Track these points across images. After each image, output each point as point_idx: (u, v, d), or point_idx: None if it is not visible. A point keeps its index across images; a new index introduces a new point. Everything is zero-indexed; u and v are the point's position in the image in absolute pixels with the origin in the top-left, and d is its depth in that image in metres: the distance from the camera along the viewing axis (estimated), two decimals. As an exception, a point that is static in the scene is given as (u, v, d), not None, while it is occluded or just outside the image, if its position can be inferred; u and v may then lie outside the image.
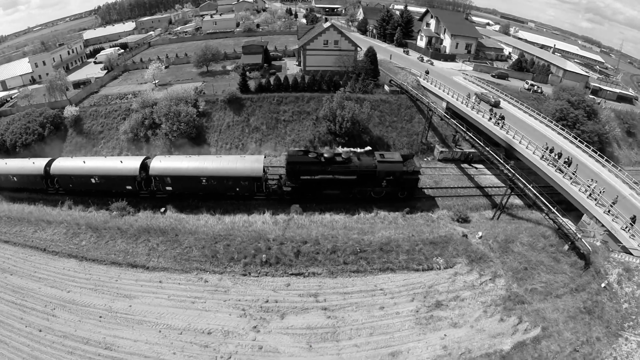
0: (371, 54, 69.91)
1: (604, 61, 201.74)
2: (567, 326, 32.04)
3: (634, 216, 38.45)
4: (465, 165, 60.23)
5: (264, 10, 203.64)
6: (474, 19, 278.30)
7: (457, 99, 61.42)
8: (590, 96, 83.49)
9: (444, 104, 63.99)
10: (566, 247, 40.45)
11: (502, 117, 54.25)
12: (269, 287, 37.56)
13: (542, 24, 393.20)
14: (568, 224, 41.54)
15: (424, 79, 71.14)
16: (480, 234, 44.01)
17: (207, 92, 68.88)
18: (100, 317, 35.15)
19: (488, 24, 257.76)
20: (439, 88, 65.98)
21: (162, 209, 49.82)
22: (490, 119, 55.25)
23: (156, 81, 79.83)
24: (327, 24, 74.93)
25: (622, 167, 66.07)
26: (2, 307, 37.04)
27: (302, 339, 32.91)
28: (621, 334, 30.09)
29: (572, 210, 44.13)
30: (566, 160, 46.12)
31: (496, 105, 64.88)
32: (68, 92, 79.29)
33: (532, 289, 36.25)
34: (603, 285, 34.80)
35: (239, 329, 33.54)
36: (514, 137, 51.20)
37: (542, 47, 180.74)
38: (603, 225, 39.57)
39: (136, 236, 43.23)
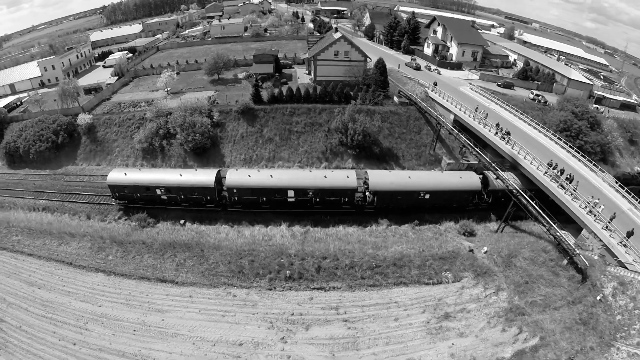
0: (381, 65, 71.44)
1: (608, 64, 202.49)
2: (564, 336, 34.38)
3: (632, 230, 40.38)
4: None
5: (270, 12, 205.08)
6: (478, 21, 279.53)
7: (464, 112, 62.92)
8: (594, 105, 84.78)
9: (452, 117, 65.56)
10: (565, 261, 42.70)
11: (508, 133, 55.87)
12: (294, 301, 40.00)
13: (546, 25, 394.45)
14: (567, 238, 43.46)
15: (432, 90, 72.58)
16: (485, 248, 46.26)
17: (220, 102, 70.40)
18: (134, 330, 37.10)
19: (492, 25, 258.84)
20: (447, 100, 67.50)
21: (182, 221, 51.60)
22: (497, 133, 56.82)
23: (168, 89, 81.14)
24: (338, 35, 76.29)
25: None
26: (33, 321, 38.86)
27: (326, 349, 35.26)
28: (613, 344, 32.09)
29: (573, 222, 45.84)
30: (568, 177, 47.77)
31: (417, 68, 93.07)
32: (79, 98, 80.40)
33: (532, 302, 38.81)
34: (598, 297, 36.91)
35: (268, 340, 35.89)
36: (519, 152, 52.89)
37: (547, 51, 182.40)
38: (601, 240, 41.35)
39: (162, 251, 45.23)
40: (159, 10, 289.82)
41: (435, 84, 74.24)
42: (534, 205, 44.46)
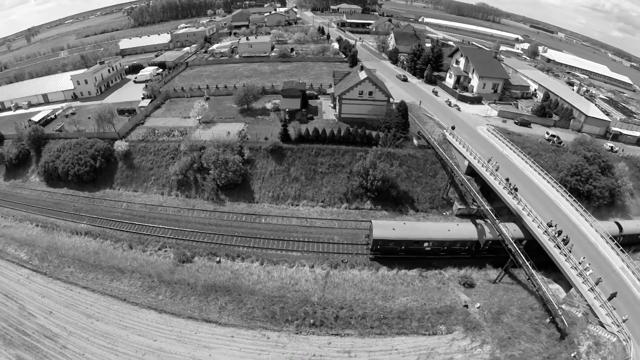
0: (403, 108, 75.40)
1: (632, 82, 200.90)
2: (534, 388, 39.05)
3: (615, 293, 44.62)
4: (479, 221, 64.37)
5: (295, 22, 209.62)
6: (503, 34, 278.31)
7: (477, 162, 66.75)
8: (609, 144, 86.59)
9: (466, 162, 69.36)
10: (547, 320, 47.43)
11: (516, 189, 59.56)
12: (315, 344, 45.86)
13: (572, 34, 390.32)
14: (558, 292, 48.81)
15: (449, 134, 76.31)
16: (478, 304, 51.15)
17: (250, 137, 75.49)
18: (187, 363, 43.49)
19: (517, 39, 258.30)
20: (463, 147, 71.24)
21: (217, 259, 57.30)
22: (505, 187, 60.58)
23: (200, 117, 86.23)
24: (363, 75, 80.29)
25: (631, 217, 71.27)
26: (94, 350, 45.17)
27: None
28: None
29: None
30: (564, 239, 51.74)
31: (404, 80, 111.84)
32: (114, 119, 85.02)
33: (511, 355, 43.77)
34: (573, 355, 41.63)
35: (294, 377, 42.42)
36: (523, 209, 56.90)
37: (569, 72, 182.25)
38: (586, 300, 45.73)
39: (206, 294, 51.52)
40: (185, 13, 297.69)
41: (453, 128, 77.60)
42: (529, 265, 48.74)
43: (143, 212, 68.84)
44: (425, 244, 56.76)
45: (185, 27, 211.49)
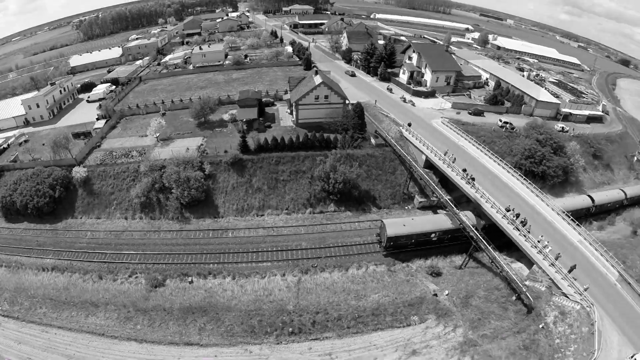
0: (359, 109, 76.84)
1: (580, 63, 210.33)
2: (508, 360, 42.50)
3: (574, 265, 48.11)
4: (440, 211, 67.72)
5: (248, 26, 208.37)
6: (453, 24, 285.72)
7: (434, 155, 69.17)
8: (560, 125, 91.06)
9: (424, 157, 71.57)
10: (514, 297, 50.87)
11: (473, 178, 62.41)
12: (297, 351, 46.97)
13: (521, 20, 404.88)
14: (521, 270, 52.57)
15: (406, 130, 78.44)
16: (446, 292, 53.87)
17: (209, 152, 74.92)
18: (175, 389, 43.40)
19: (467, 29, 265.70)
20: (419, 142, 73.49)
21: (189, 279, 56.87)
22: (463, 178, 63.20)
23: (157, 134, 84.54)
24: (318, 80, 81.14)
25: (584, 190, 75.57)
26: (81, 392, 43.99)
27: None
28: (551, 364, 40.21)
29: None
30: (522, 221, 55.01)
31: (353, 75, 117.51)
32: (70, 144, 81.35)
33: (483, 334, 46.89)
34: (541, 325, 45.04)
35: (279, 386, 43.26)
36: (481, 197, 59.80)
37: (519, 58, 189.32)
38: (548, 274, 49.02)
39: (183, 317, 51.24)
40: (136, 24, 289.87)
41: (410, 125, 79.70)
42: (491, 250, 51.99)
43: (109, 239, 66.93)
44: (432, 235, 60.71)
45: (137, 39, 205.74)
